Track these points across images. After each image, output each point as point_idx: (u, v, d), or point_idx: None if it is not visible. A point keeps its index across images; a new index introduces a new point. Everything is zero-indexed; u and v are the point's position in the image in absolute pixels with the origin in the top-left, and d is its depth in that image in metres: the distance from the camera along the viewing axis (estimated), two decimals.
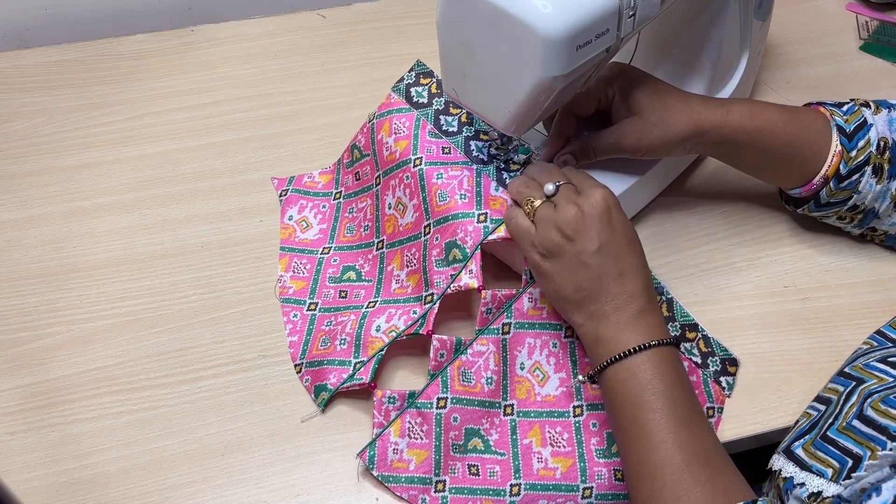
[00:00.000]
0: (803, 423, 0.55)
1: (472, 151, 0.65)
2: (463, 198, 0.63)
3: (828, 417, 0.53)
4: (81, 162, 0.79)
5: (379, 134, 0.69)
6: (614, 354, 0.53)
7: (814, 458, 0.50)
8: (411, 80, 0.70)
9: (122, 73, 0.88)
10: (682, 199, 0.76)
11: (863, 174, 0.64)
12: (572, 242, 0.55)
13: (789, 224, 0.74)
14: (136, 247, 0.72)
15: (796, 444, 0.52)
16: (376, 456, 0.58)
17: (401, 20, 0.95)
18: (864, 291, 0.69)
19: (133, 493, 0.57)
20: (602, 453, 0.59)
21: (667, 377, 0.52)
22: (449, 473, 0.58)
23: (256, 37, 0.92)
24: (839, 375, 0.56)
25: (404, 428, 0.58)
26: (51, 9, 0.94)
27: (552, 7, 0.50)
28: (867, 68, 0.89)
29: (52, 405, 0.62)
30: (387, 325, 0.63)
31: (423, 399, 0.59)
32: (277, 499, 0.57)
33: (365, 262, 0.69)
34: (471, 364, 0.60)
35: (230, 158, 0.79)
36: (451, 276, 0.62)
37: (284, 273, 0.69)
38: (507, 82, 0.55)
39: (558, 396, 0.61)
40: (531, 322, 0.61)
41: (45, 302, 0.68)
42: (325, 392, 0.61)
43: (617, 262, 0.55)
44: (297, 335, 0.65)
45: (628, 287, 0.55)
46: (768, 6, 0.76)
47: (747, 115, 0.63)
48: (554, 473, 0.58)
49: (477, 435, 0.59)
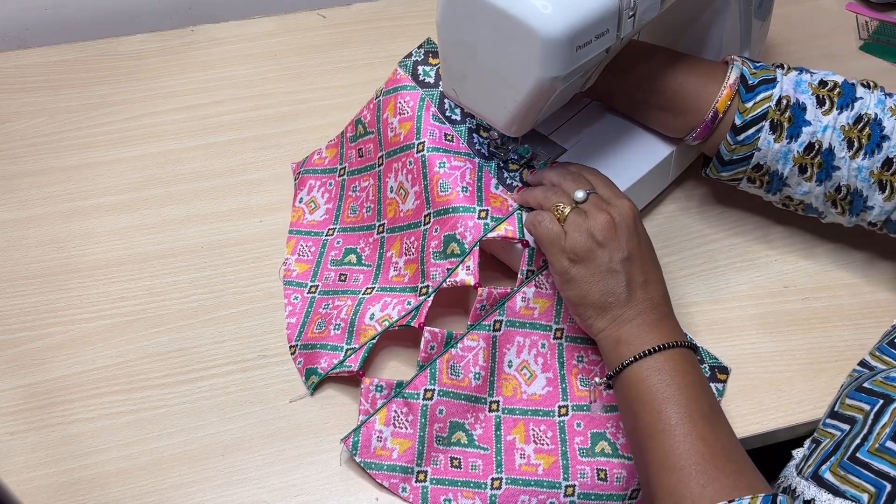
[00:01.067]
0: (827, 445, 0.53)
1: (474, 144, 0.66)
2: (465, 191, 0.63)
3: (854, 437, 0.51)
4: (81, 162, 0.79)
5: (384, 113, 0.69)
6: (638, 352, 0.54)
7: (845, 483, 0.48)
8: (419, 57, 0.69)
9: (122, 73, 0.88)
10: (682, 199, 0.76)
11: (760, 129, 0.63)
12: (603, 248, 0.55)
13: (789, 224, 0.74)
14: (136, 247, 0.72)
15: (824, 468, 0.51)
16: (360, 442, 0.58)
17: (401, 20, 0.95)
18: (864, 291, 0.69)
19: (133, 493, 0.57)
20: (585, 452, 0.59)
21: (687, 376, 0.53)
22: (431, 465, 0.58)
23: (256, 37, 0.92)
24: (859, 392, 0.54)
25: (390, 416, 0.59)
26: (51, 9, 0.94)
27: (552, 7, 0.50)
28: (867, 68, 0.89)
29: (52, 405, 0.62)
30: (381, 313, 0.63)
31: (411, 389, 0.59)
32: (277, 499, 0.57)
33: (366, 245, 0.69)
34: (460, 358, 0.60)
35: (230, 158, 0.79)
36: (447, 269, 0.62)
37: (290, 256, 0.70)
38: (507, 82, 0.55)
39: (544, 396, 0.62)
40: (522, 321, 0.62)
41: (45, 302, 0.68)
42: (316, 376, 0.61)
43: (643, 270, 0.56)
44: (295, 317, 0.66)
45: (652, 295, 0.56)
46: (768, 6, 0.76)
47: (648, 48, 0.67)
48: (536, 470, 0.59)
49: (461, 429, 0.60)
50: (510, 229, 0.62)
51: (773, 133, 0.63)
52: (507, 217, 0.62)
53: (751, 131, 0.64)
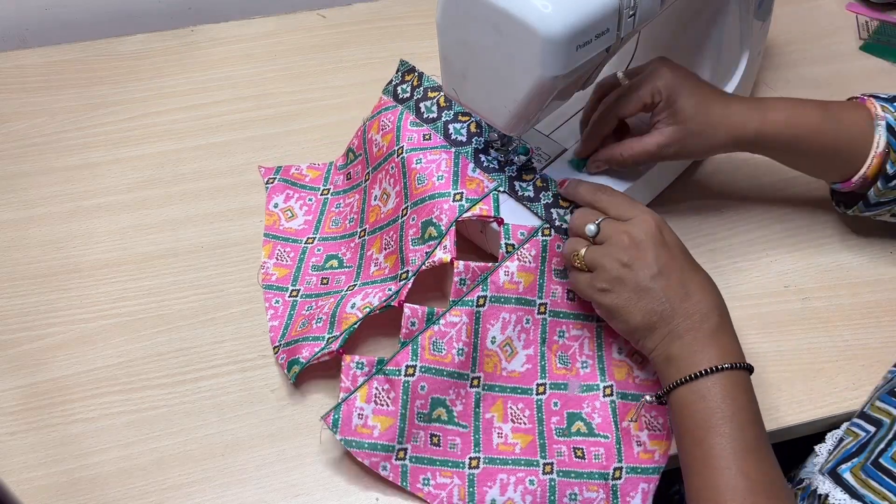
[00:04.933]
0: (849, 444, 0.53)
1: (450, 135, 0.66)
2: (440, 178, 0.64)
3: (879, 441, 0.51)
4: (81, 162, 0.79)
5: (369, 133, 0.70)
6: (684, 375, 0.51)
7: (866, 487, 0.48)
8: (398, 79, 0.72)
9: (122, 73, 0.88)
10: (682, 199, 0.76)
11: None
12: (631, 270, 0.54)
13: (789, 224, 0.74)
14: (136, 247, 0.72)
15: (843, 468, 0.50)
16: (340, 420, 0.57)
17: (401, 20, 0.95)
18: (864, 291, 0.69)
19: (133, 493, 0.57)
20: (561, 432, 0.59)
21: (736, 402, 0.50)
22: (411, 441, 0.58)
23: (256, 37, 0.92)
24: (890, 395, 0.54)
25: (371, 394, 0.58)
26: (51, 9, 0.94)
27: (552, 7, 0.50)
28: (867, 68, 0.89)
29: (52, 405, 0.62)
30: (362, 302, 0.63)
31: (392, 366, 0.59)
32: (277, 499, 0.57)
33: (347, 250, 0.70)
34: (443, 334, 0.60)
35: (230, 158, 0.79)
36: (426, 253, 0.62)
37: (268, 260, 0.70)
38: (507, 82, 0.55)
39: (523, 373, 0.62)
40: (507, 296, 0.61)
41: (45, 302, 0.68)
42: (297, 365, 0.61)
43: (681, 281, 0.54)
44: (277, 320, 0.66)
45: (698, 306, 0.53)
46: (768, 6, 0.76)
47: (783, 123, 0.62)
48: (513, 449, 0.59)
49: (442, 405, 0.59)
50: (485, 208, 0.62)
51: None
52: (483, 197, 0.63)
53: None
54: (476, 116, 0.67)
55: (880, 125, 0.63)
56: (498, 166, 0.65)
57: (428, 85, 0.70)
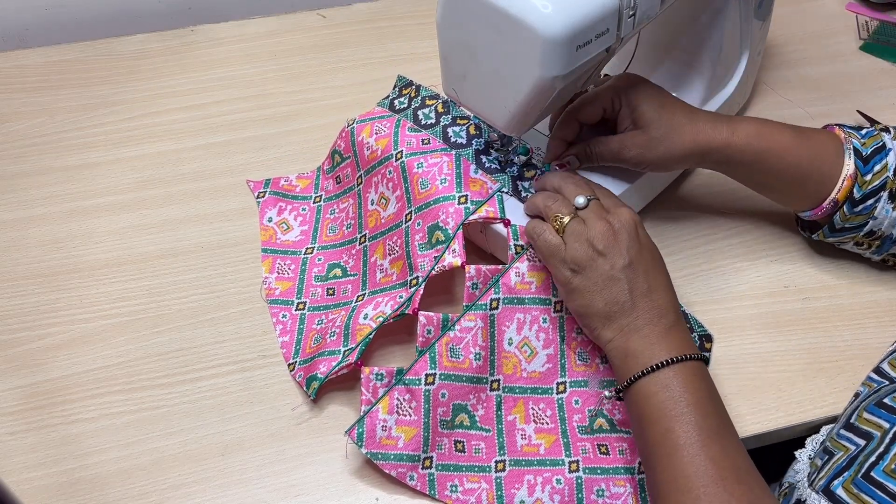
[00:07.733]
0: (840, 459, 0.53)
1: (450, 138, 0.66)
2: (443, 182, 0.63)
3: (869, 455, 0.51)
4: (81, 162, 0.79)
5: (359, 136, 0.70)
6: (645, 367, 0.52)
7: (857, 501, 0.48)
8: (395, 94, 0.72)
9: (122, 73, 0.88)
10: (682, 199, 0.76)
11: (878, 199, 0.63)
12: (603, 257, 0.55)
13: (789, 224, 0.74)
14: (136, 247, 0.72)
15: (836, 483, 0.51)
16: (365, 433, 0.57)
17: (401, 20, 0.95)
18: (864, 291, 0.69)
19: (133, 493, 0.57)
20: (584, 430, 0.60)
21: (698, 391, 0.51)
22: (436, 450, 0.58)
23: (256, 37, 0.92)
24: (878, 407, 0.54)
25: (392, 405, 0.58)
26: (51, 9, 0.94)
27: (552, 7, 0.50)
28: (867, 68, 0.89)
29: (52, 405, 0.62)
30: (374, 311, 0.63)
31: (412, 375, 0.59)
32: (277, 499, 0.57)
33: (349, 257, 0.69)
34: (459, 340, 0.60)
35: (230, 158, 0.79)
36: (434, 257, 0.62)
37: (269, 275, 0.69)
38: (507, 82, 0.55)
39: (543, 373, 0.62)
40: (520, 297, 0.61)
41: (45, 302, 0.68)
42: (316, 381, 0.61)
43: (646, 277, 0.55)
44: (288, 335, 0.65)
45: (658, 303, 0.54)
46: (768, 6, 0.76)
47: (754, 135, 0.62)
48: (538, 450, 0.59)
49: (464, 410, 0.60)
50: (491, 210, 0.62)
51: (891, 202, 0.63)
52: (488, 199, 0.63)
53: (869, 202, 0.63)
54: (475, 118, 0.67)
55: (849, 149, 0.63)
56: (499, 167, 0.65)
57: (425, 94, 0.70)
